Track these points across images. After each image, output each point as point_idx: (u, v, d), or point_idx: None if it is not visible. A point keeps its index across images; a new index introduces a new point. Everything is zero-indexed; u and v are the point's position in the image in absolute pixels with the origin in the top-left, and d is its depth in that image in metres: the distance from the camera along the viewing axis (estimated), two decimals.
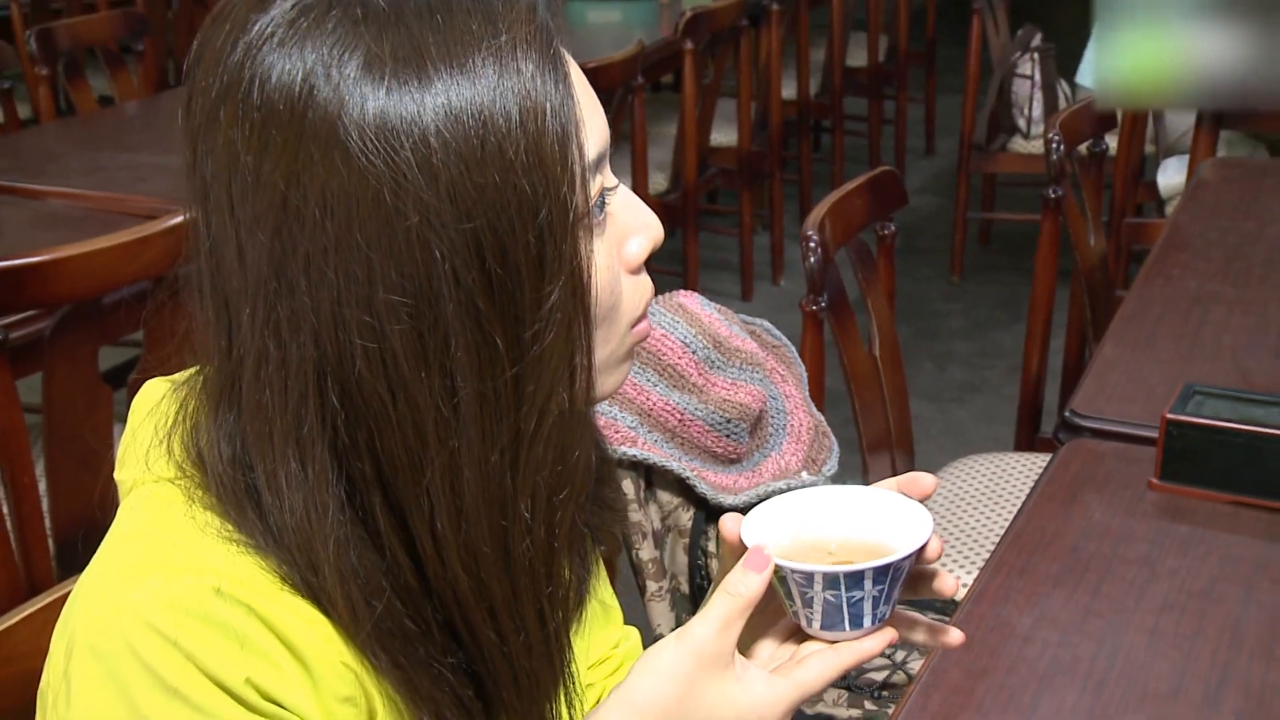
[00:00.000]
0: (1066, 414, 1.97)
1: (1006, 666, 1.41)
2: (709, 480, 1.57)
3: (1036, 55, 4.77)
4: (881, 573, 0.92)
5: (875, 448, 2.36)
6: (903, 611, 1.00)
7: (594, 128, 0.90)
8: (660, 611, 1.62)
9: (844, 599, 0.93)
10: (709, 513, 1.58)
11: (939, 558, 0.99)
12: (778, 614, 1.00)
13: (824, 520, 1.01)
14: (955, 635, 1.04)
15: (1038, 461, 2.55)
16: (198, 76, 0.88)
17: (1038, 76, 4.77)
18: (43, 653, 1.22)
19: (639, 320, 0.97)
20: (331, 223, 0.82)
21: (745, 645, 0.99)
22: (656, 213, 0.99)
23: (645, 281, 0.98)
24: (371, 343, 0.84)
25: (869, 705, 1.81)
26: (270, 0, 0.85)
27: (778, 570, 0.93)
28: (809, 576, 0.92)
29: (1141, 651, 1.45)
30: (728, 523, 0.99)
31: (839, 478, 1.75)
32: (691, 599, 1.61)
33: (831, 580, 0.92)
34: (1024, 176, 5.11)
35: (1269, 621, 1.50)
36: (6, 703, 1.21)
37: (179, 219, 2.36)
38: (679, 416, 1.58)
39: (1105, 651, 1.45)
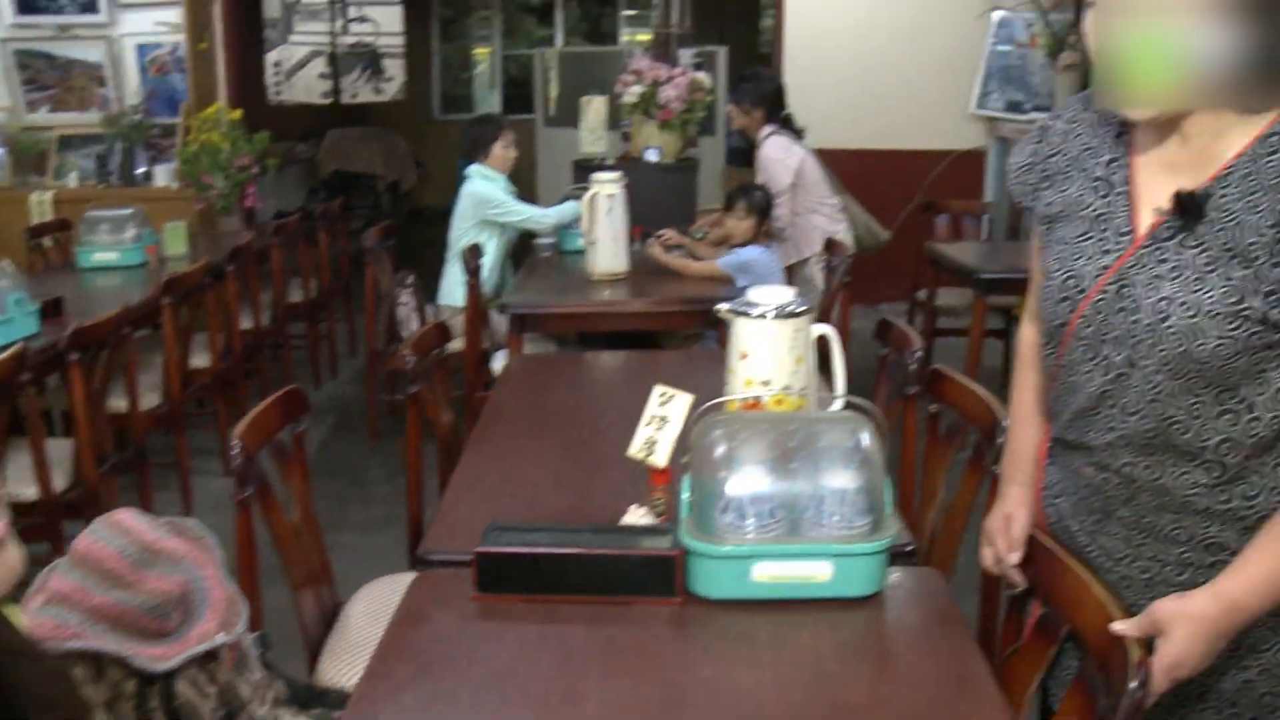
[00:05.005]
0: (418, 553, 1.95)
1: None
2: (145, 654, 1.45)
3: (411, 288, 4.82)
4: None
5: (300, 586, 2.27)
6: None
7: None
8: None
9: None
10: (151, 678, 1.46)
11: None
12: None
13: None
14: None
15: None
16: None
17: (412, 302, 4.81)
18: None
19: None
20: None
21: None
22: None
23: None
24: None
25: None
26: None
27: None
28: None
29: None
30: None
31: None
32: None
33: None
34: None
35: (545, 671, 1.53)
36: None
37: None
38: (118, 609, 1.46)
39: None
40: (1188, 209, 1.41)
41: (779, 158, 4.81)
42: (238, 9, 7.27)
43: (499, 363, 4.54)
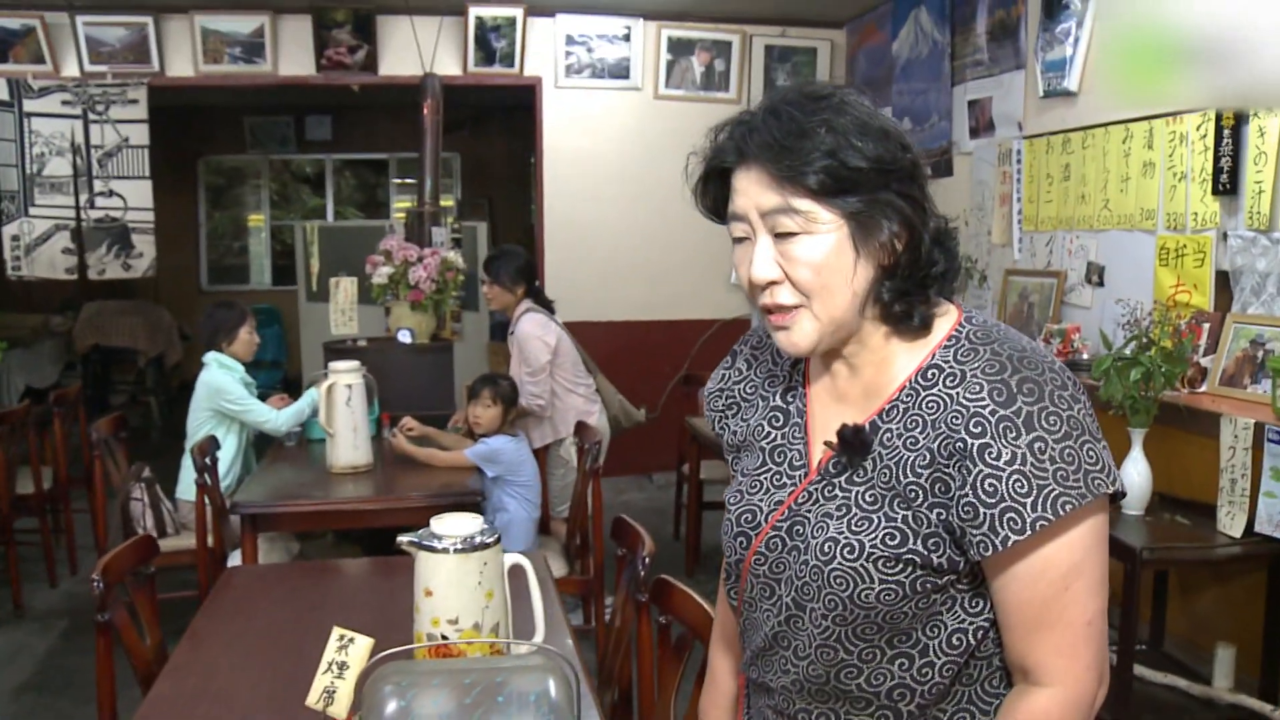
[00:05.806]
0: None
1: None
2: None
3: (144, 483, 4.51)
4: None
5: None
6: None
7: None
8: None
9: None
10: None
11: None
12: None
13: None
14: None
15: None
16: None
17: (146, 498, 4.50)
18: None
19: None
20: None
21: None
22: None
23: None
24: None
25: None
26: None
27: None
28: None
29: None
30: None
31: None
32: None
33: None
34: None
35: None
36: None
37: None
38: None
39: None
40: (851, 444, 1.35)
41: (537, 334, 4.73)
42: None
43: (235, 562, 4.26)
